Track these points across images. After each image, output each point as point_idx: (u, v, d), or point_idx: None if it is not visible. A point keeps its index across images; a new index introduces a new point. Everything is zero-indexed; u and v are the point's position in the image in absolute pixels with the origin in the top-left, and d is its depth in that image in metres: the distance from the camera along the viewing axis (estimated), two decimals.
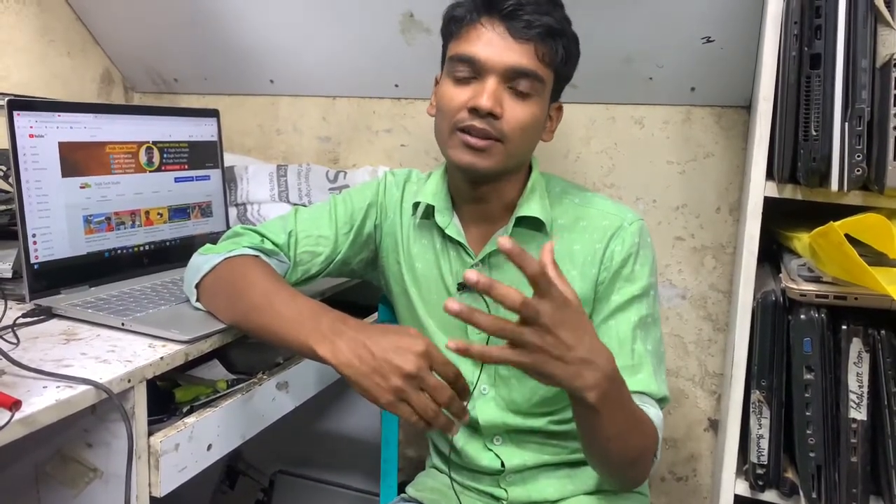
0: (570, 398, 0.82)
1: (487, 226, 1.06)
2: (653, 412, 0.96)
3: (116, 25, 1.77)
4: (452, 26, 0.99)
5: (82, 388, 0.78)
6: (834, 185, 0.96)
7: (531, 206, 1.02)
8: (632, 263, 1.01)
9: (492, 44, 0.94)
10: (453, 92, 0.97)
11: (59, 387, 0.78)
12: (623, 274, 1.01)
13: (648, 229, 1.05)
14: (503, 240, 0.69)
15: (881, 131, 0.94)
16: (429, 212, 1.07)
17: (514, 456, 1.07)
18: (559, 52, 0.96)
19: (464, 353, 0.73)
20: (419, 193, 1.09)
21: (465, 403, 0.84)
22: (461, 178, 1.03)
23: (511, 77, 0.94)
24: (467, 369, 0.97)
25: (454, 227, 1.06)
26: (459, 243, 1.05)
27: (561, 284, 0.76)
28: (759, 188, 1.04)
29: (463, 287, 1.06)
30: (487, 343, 1.02)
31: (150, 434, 0.87)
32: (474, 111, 0.94)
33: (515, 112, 0.95)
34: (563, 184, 1.09)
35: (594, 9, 1.34)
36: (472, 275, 0.70)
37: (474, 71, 0.95)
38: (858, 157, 0.95)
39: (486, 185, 1.02)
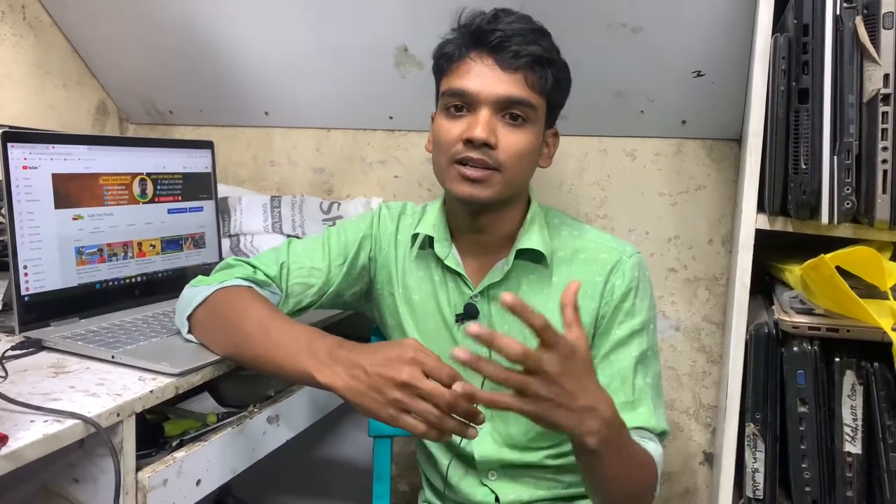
0: (572, 442, 0.82)
1: (486, 257, 1.06)
2: (652, 447, 0.96)
3: (112, 57, 1.79)
4: (443, 63, 1.01)
5: (70, 422, 0.77)
6: (824, 218, 0.97)
7: (531, 238, 1.02)
8: (632, 297, 1.01)
9: (482, 76, 0.96)
10: (448, 126, 0.98)
11: (46, 421, 0.76)
12: (624, 308, 1.01)
13: (646, 262, 1.06)
14: (505, 295, 0.70)
15: (869, 165, 0.94)
16: (427, 243, 1.08)
17: (510, 491, 1.06)
18: (549, 80, 0.97)
19: (474, 369, 0.72)
20: (418, 225, 1.09)
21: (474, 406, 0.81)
22: (462, 209, 1.03)
23: (503, 106, 0.96)
24: None
25: (453, 258, 1.06)
26: (458, 274, 1.05)
27: (576, 329, 0.76)
28: (751, 221, 1.05)
29: (461, 318, 1.05)
30: None
31: (138, 469, 0.86)
32: (469, 143, 0.95)
33: (510, 140, 0.96)
34: (560, 216, 1.09)
35: (586, 44, 1.36)
36: (475, 328, 0.70)
37: (467, 104, 0.97)
38: (848, 190, 0.95)
39: (486, 216, 1.02)
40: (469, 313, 1.04)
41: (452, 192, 0.99)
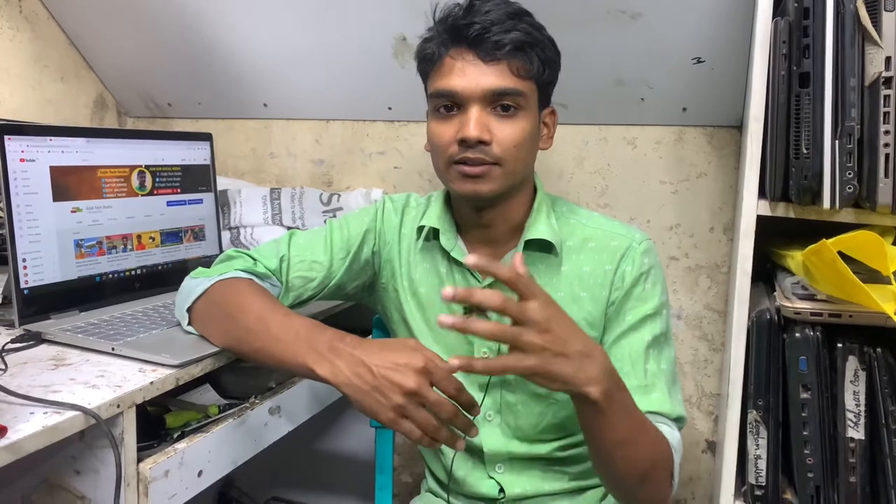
0: (574, 400, 0.82)
1: (494, 248, 1.04)
2: (667, 430, 0.94)
3: (110, 51, 1.78)
4: (426, 65, 1.00)
5: (70, 413, 0.77)
6: (826, 203, 0.96)
7: (539, 228, 1.01)
8: (643, 283, 1.00)
9: (465, 73, 0.94)
10: (440, 128, 0.97)
11: (46, 413, 0.76)
12: (635, 293, 1.00)
13: (657, 249, 1.05)
14: (469, 257, 0.73)
15: (871, 149, 0.94)
16: (432, 235, 1.06)
17: (515, 484, 1.05)
18: (535, 63, 0.96)
19: (467, 368, 0.75)
20: (423, 217, 1.08)
21: (471, 416, 0.84)
22: (466, 204, 1.03)
23: (492, 99, 0.94)
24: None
25: (459, 250, 1.04)
26: (466, 266, 1.04)
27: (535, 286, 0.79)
28: (752, 207, 1.04)
29: (469, 311, 1.04)
30: None
31: (139, 460, 0.86)
32: (464, 142, 0.94)
33: (505, 132, 0.95)
34: (568, 204, 1.08)
35: (585, 32, 1.35)
36: (449, 290, 0.73)
37: (455, 103, 0.96)
38: (850, 174, 0.95)
39: (491, 209, 1.01)
40: None
41: (455, 190, 0.99)
